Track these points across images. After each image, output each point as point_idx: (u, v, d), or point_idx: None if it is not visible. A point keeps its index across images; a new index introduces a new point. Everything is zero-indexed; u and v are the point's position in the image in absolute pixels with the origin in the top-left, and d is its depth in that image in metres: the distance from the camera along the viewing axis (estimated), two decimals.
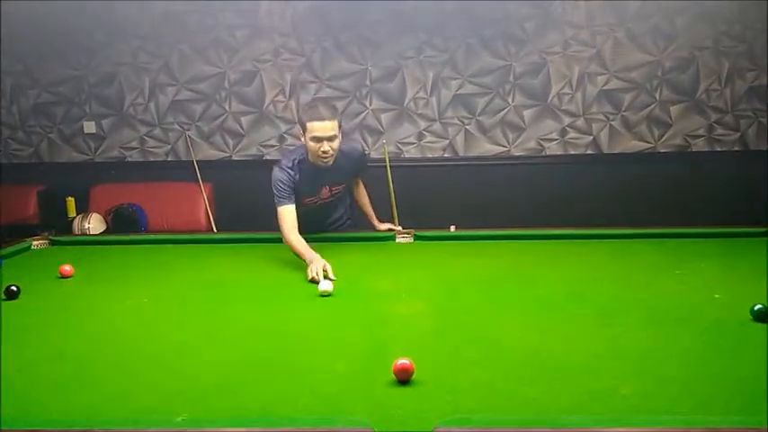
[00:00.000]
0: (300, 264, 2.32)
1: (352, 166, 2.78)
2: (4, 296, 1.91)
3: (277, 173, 2.61)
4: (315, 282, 2.12)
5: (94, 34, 4.43)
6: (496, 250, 2.51)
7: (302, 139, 2.55)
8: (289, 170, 2.61)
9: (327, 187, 2.73)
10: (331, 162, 2.55)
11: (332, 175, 2.69)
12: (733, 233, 2.61)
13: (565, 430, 1.04)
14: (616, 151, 4.40)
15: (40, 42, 4.45)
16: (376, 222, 2.97)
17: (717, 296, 1.84)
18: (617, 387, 1.24)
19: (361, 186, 3.01)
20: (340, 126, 2.53)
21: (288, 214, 2.56)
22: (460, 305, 1.84)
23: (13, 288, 1.92)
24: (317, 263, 2.23)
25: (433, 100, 4.41)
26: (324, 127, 2.45)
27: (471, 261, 2.35)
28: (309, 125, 2.48)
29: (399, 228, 2.90)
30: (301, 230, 2.54)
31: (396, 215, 3.47)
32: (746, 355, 1.41)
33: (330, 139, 2.47)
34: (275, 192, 2.59)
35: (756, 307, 1.60)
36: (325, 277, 2.13)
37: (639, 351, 1.45)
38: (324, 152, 2.49)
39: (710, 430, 1.03)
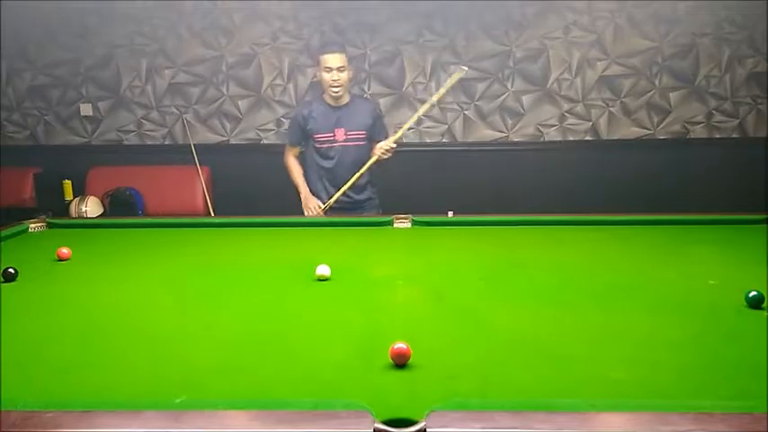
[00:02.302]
0: (298, 248, 2.33)
1: (367, 114, 3.11)
2: (1, 278, 1.91)
3: (292, 114, 3.25)
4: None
5: (89, 16, 4.39)
6: (494, 236, 2.51)
7: (317, 74, 3.05)
8: (301, 109, 3.13)
9: (343, 130, 3.04)
10: (341, 93, 2.99)
11: (346, 117, 3.05)
12: (731, 220, 2.61)
13: (559, 414, 1.05)
14: (615, 137, 4.40)
15: (34, 24, 4.41)
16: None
17: (711, 282, 1.85)
18: (610, 372, 1.25)
19: None
20: (349, 62, 2.99)
21: (290, 149, 3.24)
22: (457, 290, 1.85)
23: (11, 270, 1.92)
24: (311, 203, 3.09)
25: (432, 85, 4.39)
26: (333, 58, 2.94)
27: (469, 246, 2.35)
28: (322, 58, 2.98)
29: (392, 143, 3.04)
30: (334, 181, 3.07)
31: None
32: (739, 340, 1.42)
33: (339, 69, 2.93)
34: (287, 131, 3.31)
35: (751, 294, 1.61)
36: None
37: (633, 336, 1.46)
38: (334, 80, 2.94)
39: (702, 414, 1.04)
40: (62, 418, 1.05)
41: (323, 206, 3.11)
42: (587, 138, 4.41)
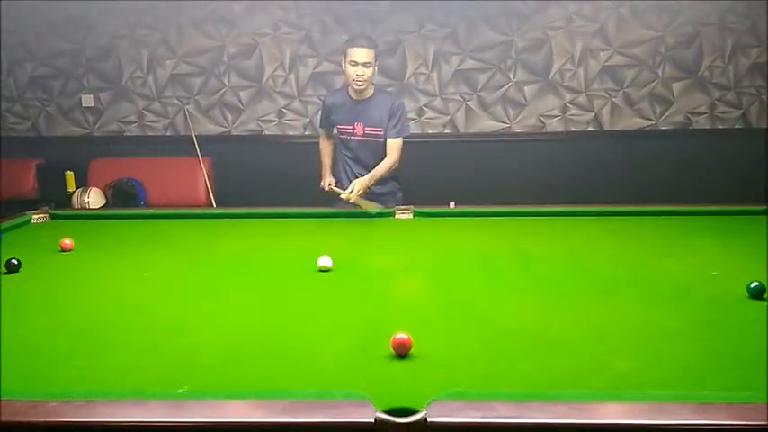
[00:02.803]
0: (300, 239, 2.34)
1: (384, 110, 3.00)
2: (4, 269, 1.92)
3: (322, 100, 3.25)
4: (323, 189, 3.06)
5: (90, 7, 4.37)
6: (496, 227, 2.51)
7: (343, 66, 2.93)
8: (328, 97, 3.13)
9: (361, 125, 2.99)
10: (364, 88, 2.92)
11: (365, 112, 3.00)
12: (733, 211, 2.61)
13: (560, 404, 1.05)
14: (617, 128, 4.38)
15: (35, 15, 4.40)
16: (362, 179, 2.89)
17: (714, 273, 1.85)
18: (613, 362, 1.26)
19: (389, 158, 2.98)
20: (376, 59, 2.89)
21: (321, 131, 3.23)
22: (459, 281, 1.85)
23: (14, 261, 1.93)
24: (326, 181, 3.08)
25: (434, 75, 4.37)
26: (360, 52, 2.83)
27: (470, 237, 2.35)
28: (349, 51, 2.87)
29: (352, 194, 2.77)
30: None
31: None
32: (741, 331, 1.43)
33: (365, 65, 2.84)
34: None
35: (753, 284, 1.61)
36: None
37: (636, 327, 1.46)
38: (358, 75, 2.85)
39: (704, 404, 1.04)
40: (64, 408, 1.05)
41: (330, 186, 3.02)
42: (590, 128, 4.40)
